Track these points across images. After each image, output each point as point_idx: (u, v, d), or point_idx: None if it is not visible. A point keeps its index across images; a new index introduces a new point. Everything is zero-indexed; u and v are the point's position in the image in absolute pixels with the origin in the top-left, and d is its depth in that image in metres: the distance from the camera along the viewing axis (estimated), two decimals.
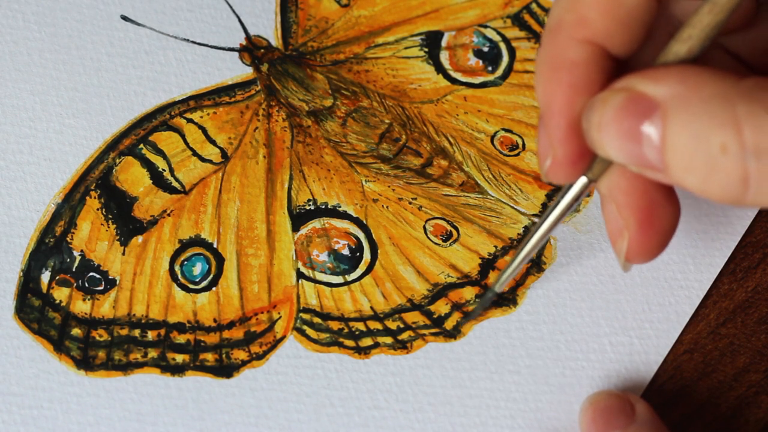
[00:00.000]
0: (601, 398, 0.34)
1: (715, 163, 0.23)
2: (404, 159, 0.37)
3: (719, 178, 0.23)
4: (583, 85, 0.26)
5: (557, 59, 0.26)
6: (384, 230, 0.36)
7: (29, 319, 0.35)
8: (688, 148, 0.23)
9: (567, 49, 0.26)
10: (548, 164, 0.27)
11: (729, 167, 0.23)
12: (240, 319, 0.35)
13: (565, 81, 0.26)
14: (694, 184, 0.23)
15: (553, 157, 0.27)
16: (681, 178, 0.24)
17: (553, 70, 0.26)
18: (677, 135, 0.23)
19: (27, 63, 0.38)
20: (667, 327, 0.35)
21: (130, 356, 0.34)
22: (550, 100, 0.26)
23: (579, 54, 0.26)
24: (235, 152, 0.37)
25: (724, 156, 0.23)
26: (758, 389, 0.35)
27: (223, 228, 0.36)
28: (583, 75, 0.26)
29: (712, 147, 0.23)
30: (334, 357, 0.35)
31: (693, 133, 0.23)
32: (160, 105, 0.38)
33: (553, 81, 0.26)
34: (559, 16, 0.26)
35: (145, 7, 0.39)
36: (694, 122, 0.23)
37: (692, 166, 0.23)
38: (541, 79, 0.27)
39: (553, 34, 0.26)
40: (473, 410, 0.34)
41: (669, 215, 0.28)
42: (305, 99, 0.38)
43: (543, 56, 0.27)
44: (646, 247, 0.28)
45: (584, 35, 0.26)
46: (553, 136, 0.27)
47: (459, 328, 0.35)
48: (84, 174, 0.36)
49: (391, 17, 0.40)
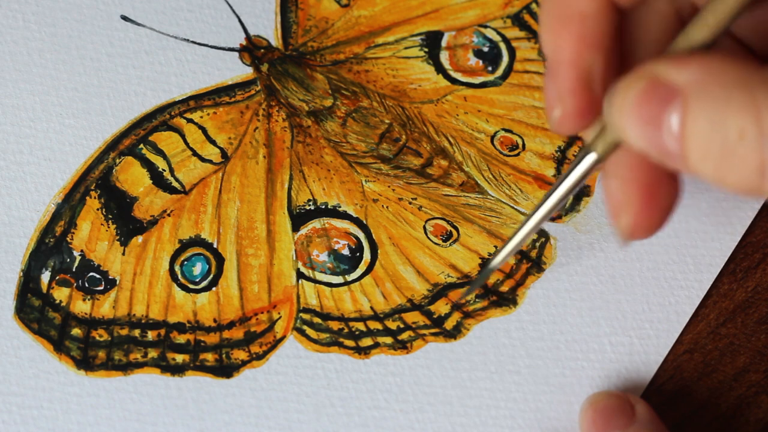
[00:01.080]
0: (601, 398, 0.34)
1: (733, 150, 0.23)
2: (404, 159, 0.37)
3: (736, 165, 0.23)
4: (592, 36, 0.26)
5: (566, 10, 0.26)
6: (384, 230, 0.36)
7: (29, 319, 0.35)
8: (706, 134, 0.23)
9: (576, 0, 0.26)
10: (557, 115, 0.27)
11: (747, 154, 0.22)
12: (240, 319, 0.35)
13: (575, 33, 0.26)
14: (710, 172, 0.23)
15: (562, 109, 0.27)
16: (698, 167, 0.23)
17: (562, 22, 0.26)
18: (696, 121, 0.23)
19: (27, 63, 0.38)
20: (667, 327, 0.35)
21: (130, 356, 0.34)
22: (558, 52, 0.26)
23: (588, 5, 0.26)
24: (235, 152, 0.37)
25: (742, 142, 0.22)
26: (758, 389, 0.35)
27: (223, 228, 0.36)
28: (592, 27, 0.26)
29: (730, 132, 0.22)
30: (334, 357, 0.35)
31: (711, 118, 0.23)
32: (160, 105, 0.38)
33: (563, 33, 0.26)
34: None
35: (145, 7, 0.39)
36: (713, 108, 0.23)
37: (710, 152, 0.23)
38: (548, 30, 0.26)
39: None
40: (473, 410, 0.34)
41: (672, 191, 0.28)
42: (305, 99, 0.38)
43: (550, 6, 0.26)
44: (648, 223, 0.28)
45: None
46: (562, 87, 0.27)
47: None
48: (84, 174, 0.36)
49: (391, 17, 0.40)
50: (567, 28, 0.26)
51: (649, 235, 0.28)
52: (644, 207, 0.28)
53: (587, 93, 0.27)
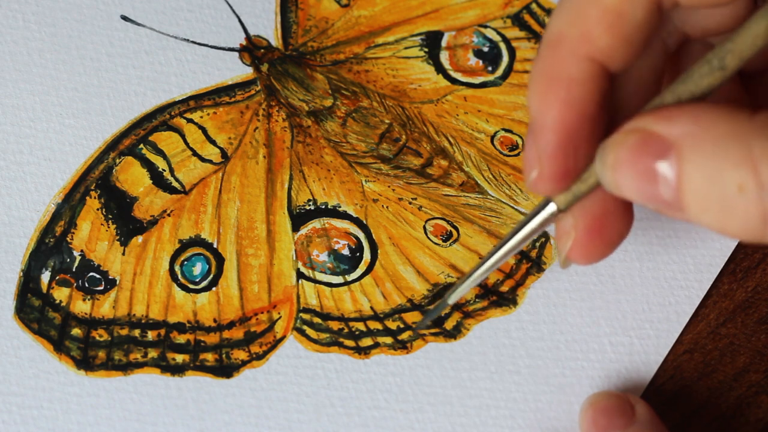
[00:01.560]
0: (601, 398, 0.34)
1: (733, 203, 0.23)
2: (404, 159, 0.37)
3: (738, 216, 0.23)
4: (579, 102, 0.25)
5: (556, 74, 0.26)
6: (384, 230, 0.36)
7: (29, 319, 0.35)
8: (704, 188, 0.23)
9: (567, 65, 0.25)
10: (534, 176, 0.27)
11: (748, 206, 0.22)
12: (240, 319, 0.35)
13: (561, 97, 0.25)
14: (712, 222, 0.23)
15: (539, 171, 0.27)
16: (699, 217, 0.23)
17: (550, 85, 0.26)
18: (693, 175, 0.23)
19: (27, 63, 0.38)
20: (667, 327, 0.35)
21: (130, 356, 0.34)
22: (543, 115, 0.26)
23: (579, 71, 0.25)
24: (235, 152, 0.37)
25: (742, 195, 0.22)
26: (758, 389, 0.35)
27: (223, 228, 0.36)
28: (580, 92, 0.25)
29: (728, 187, 0.22)
30: (334, 357, 0.35)
31: (708, 173, 0.23)
32: (160, 105, 0.38)
33: (549, 96, 0.26)
34: (560, 29, 0.26)
35: (145, 7, 0.39)
36: (709, 162, 0.23)
37: (709, 205, 0.23)
38: (536, 91, 0.26)
39: (553, 48, 0.26)
40: (473, 410, 0.34)
41: (620, 227, 0.28)
42: (305, 99, 0.38)
43: (540, 69, 0.26)
44: (588, 253, 0.28)
45: (586, 51, 0.25)
46: (542, 150, 0.26)
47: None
48: (84, 174, 0.36)
49: (391, 17, 0.40)
50: (554, 91, 0.26)
51: (587, 263, 0.29)
52: (589, 238, 0.28)
53: (567, 159, 0.26)
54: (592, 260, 0.28)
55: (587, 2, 0.25)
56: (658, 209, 0.25)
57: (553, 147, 0.26)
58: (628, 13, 0.25)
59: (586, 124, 0.26)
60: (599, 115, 0.26)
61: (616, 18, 0.25)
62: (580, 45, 0.25)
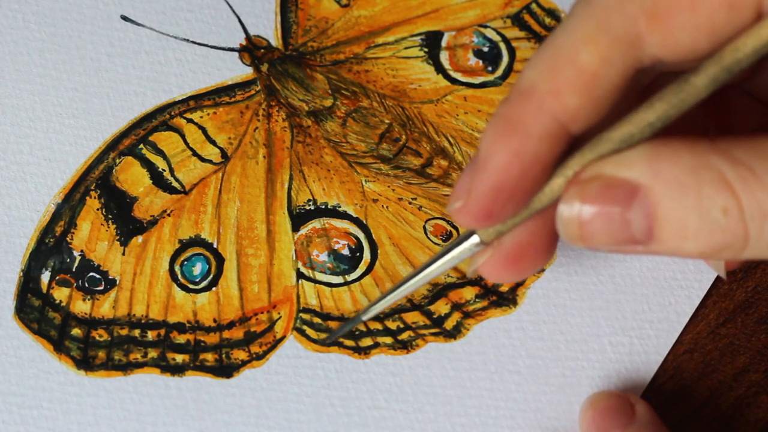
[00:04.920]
0: (601, 398, 0.34)
1: (718, 227, 0.23)
2: (404, 159, 0.37)
3: (721, 239, 0.23)
4: (529, 157, 0.25)
5: (515, 123, 0.25)
6: (384, 230, 0.36)
7: (29, 319, 0.35)
8: (687, 219, 0.23)
9: (529, 118, 0.25)
10: (457, 206, 0.26)
11: (732, 228, 0.23)
12: (240, 319, 0.35)
13: (513, 147, 0.25)
14: (692, 249, 0.24)
15: (465, 204, 0.26)
16: (677, 247, 0.24)
17: (506, 132, 0.25)
18: (672, 210, 0.23)
19: (27, 63, 0.38)
20: (667, 327, 0.35)
21: (130, 356, 0.34)
22: (491, 156, 0.25)
23: (539, 128, 0.25)
24: (235, 152, 0.37)
25: (727, 219, 0.23)
26: (758, 389, 0.35)
27: (223, 228, 0.36)
28: (533, 148, 0.25)
29: (713, 212, 0.23)
30: (334, 357, 0.35)
31: (689, 204, 0.23)
32: (160, 105, 0.38)
33: (502, 141, 0.25)
34: (532, 79, 0.25)
35: (145, 7, 0.39)
36: (688, 194, 0.23)
37: (692, 234, 0.23)
38: (491, 132, 0.25)
39: (521, 96, 0.25)
40: (473, 410, 0.34)
41: (537, 260, 0.28)
42: (305, 99, 0.38)
43: (504, 112, 0.25)
44: (499, 276, 0.28)
45: (552, 109, 0.24)
46: (475, 187, 0.26)
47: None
48: (84, 174, 0.36)
49: (391, 17, 0.40)
50: (508, 139, 0.25)
51: (497, 282, 0.29)
52: (504, 263, 0.28)
53: (496, 204, 0.26)
54: (502, 281, 0.28)
55: (564, 59, 0.24)
56: (627, 251, 0.25)
57: (487, 189, 0.25)
58: (603, 77, 0.24)
59: (527, 180, 0.25)
60: (544, 173, 0.25)
61: (590, 80, 0.24)
62: (548, 101, 0.25)
